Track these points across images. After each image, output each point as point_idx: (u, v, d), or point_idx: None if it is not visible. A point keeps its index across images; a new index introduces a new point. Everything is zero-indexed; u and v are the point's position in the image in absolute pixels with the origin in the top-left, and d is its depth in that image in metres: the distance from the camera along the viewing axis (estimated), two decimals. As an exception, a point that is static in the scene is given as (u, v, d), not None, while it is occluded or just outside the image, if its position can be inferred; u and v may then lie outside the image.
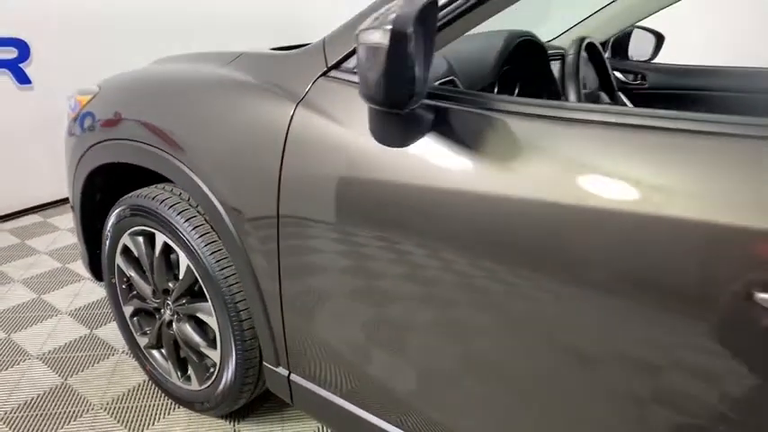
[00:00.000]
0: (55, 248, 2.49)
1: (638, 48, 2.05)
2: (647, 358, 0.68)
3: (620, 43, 2.09)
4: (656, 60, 2.12)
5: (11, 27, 2.58)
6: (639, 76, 2.09)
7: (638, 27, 2.06)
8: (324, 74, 1.00)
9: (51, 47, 2.70)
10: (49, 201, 3.00)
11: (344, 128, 0.93)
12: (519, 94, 1.58)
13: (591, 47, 1.64)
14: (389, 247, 0.89)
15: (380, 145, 0.86)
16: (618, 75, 2.12)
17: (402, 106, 0.76)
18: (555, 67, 1.60)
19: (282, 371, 1.20)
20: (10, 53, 2.61)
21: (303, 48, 1.09)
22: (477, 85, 1.20)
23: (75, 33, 2.77)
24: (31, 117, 2.75)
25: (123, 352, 1.76)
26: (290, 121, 0.99)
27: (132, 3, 2.98)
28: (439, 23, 0.86)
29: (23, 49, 2.64)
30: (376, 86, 0.72)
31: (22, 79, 2.68)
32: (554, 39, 2.08)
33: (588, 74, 1.62)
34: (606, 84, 1.82)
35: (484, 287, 0.80)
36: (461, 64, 1.18)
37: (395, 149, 0.86)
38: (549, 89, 1.56)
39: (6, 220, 2.80)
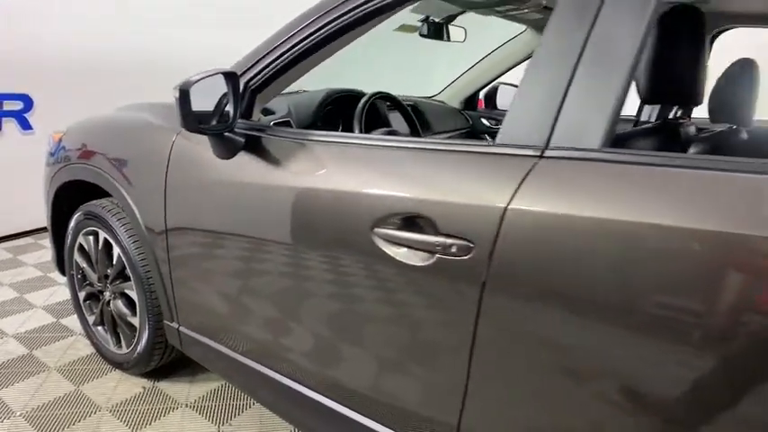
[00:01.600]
0: (40, 262, 3.01)
1: (503, 99, 2.59)
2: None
3: (490, 96, 2.63)
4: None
5: (18, 83, 3.21)
6: (498, 121, 2.62)
7: (502, 83, 2.61)
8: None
9: (51, 99, 3.32)
10: (42, 226, 3.54)
11: (200, 147, 1.44)
12: (342, 129, 2.11)
13: (392, 98, 2.10)
14: (232, 229, 1.39)
15: (216, 158, 1.38)
16: (484, 120, 2.65)
17: (217, 133, 1.28)
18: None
19: (174, 324, 1.68)
20: (16, 105, 3.24)
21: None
22: (304, 123, 1.73)
23: (72, 86, 3.38)
24: (32, 156, 3.32)
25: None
26: (172, 146, 1.52)
27: (120, 59, 3.60)
28: (256, 82, 1.39)
29: (27, 101, 3.27)
30: (183, 120, 1.25)
31: (26, 126, 3.29)
32: (438, 93, 2.65)
33: (395, 116, 2.10)
34: (409, 122, 2.31)
35: (286, 247, 1.28)
36: (297, 108, 1.73)
37: (224, 160, 1.37)
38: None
39: (4, 241, 3.34)
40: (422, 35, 1.97)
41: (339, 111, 1.85)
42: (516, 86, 2.64)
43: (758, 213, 0.72)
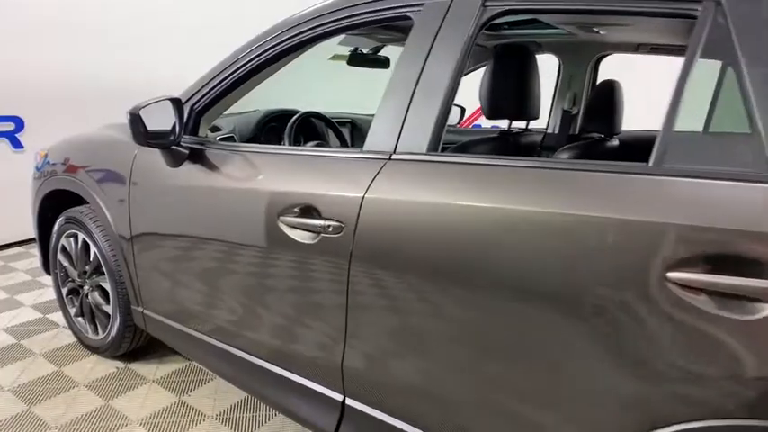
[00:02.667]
0: (30, 268, 3.32)
1: (451, 117, 2.95)
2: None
3: None
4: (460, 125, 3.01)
5: (10, 107, 3.55)
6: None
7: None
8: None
9: (40, 120, 3.66)
10: (32, 237, 3.84)
11: (155, 159, 1.77)
12: (281, 143, 2.41)
13: (321, 116, 2.42)
14: (182, 226, 1.71)
15: (167, 167, 1.71)
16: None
17: (165, 146, 1.62)
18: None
19: (139, 308, 2.00)
20: (8, 126, 3.58)
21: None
22: (245, 138, 2.07)
23: (60, 109, 3.71)
24: (23, 173, 3.64)
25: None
26: (134, 159, 1.85)
27: (103, 85, 3.93)
28: (200, 105, 1.73)
29: (19, 123, 3.60)
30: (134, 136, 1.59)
31: (17, 145, 3.62)
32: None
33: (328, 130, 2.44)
34: (339, 136, 2.56)
35: (219, 238, 1.61)
36: (239, 126, 2.08)
37: (173, 168, 1.70)
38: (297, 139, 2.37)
39: (-2, 251, 3.65)
40: (349, 63, 2.32)
41: (281, 127, 2.19)
42: (460, 106, 2.99)
43: (535, 196, 1.05)
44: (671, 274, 0.87)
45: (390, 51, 2.26)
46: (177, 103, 1.66)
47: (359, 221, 1.25)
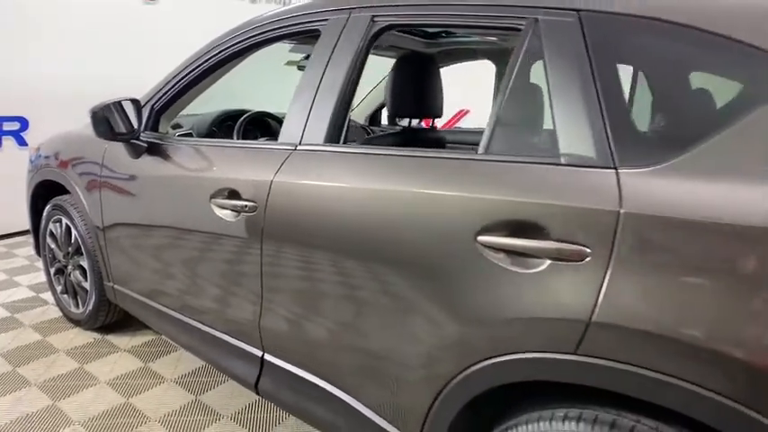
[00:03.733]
0: (30, 254, 3.62)
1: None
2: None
3: (374, 115, 3.21)
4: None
5: (15, 108, 3.88)
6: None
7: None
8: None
9: (43, 120, 3.97)
10: (36, 227, 4.16)
11: (120, 152, 2.03)
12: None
13: (271, 115, 2.58)
14: (139, 210, 1.97)
15: (129, 158, 1.98)
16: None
17: (125, 140, 1.88)
18: None
19: (110, 283, 2.27)
20: (14, 125, 3.90)
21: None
22: (201, 135, 2.32)
23: (61, 109, 4.00)
24: (26, 168, 3.97)
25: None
26: (104, 153, 2.12)
27: (100, 86, 4.25)
28: (159, 105, 1.99)
29: (23, 122, 3.93)
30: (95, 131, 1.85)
31: (22, 143, 3.95)
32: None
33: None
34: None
35: (167, 219, 1.86)
36: (197, 124, 2.34)
37: (134, 159, 1.96)
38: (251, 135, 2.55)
39: (2, 239, 3.97)
40: (299, 68, 2.57)
41: (234, 125, 2.44)
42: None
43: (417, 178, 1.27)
44: (480, 238, 1.09)
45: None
46: (136, 102, 1.92)
47: (268, 202, 1.49)
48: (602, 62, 1.07)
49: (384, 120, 3.26)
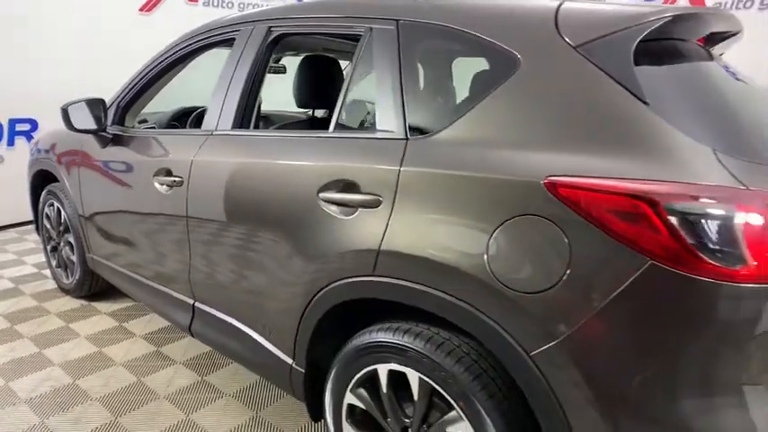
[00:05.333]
0: (38, 239, 4.10)
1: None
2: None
3: None
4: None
5: (27, 110, 4.37)
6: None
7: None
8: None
9: (51, 121, 4.44)
10: (46, 217, 4.64)
11: (94, 143, 2.44)
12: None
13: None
14: (104, 190, 2.38)
15: (99, 148, 2.38)
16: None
17: (92, 132, 2.29)
18: None
19: (90, 255, 2.68)
20: (25, 126, 4.40)
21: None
22: (163, 127, 2.71)
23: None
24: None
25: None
26: (82, 144, 2.54)
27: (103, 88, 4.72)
28: (124, 102, 2.39)
29: (34, 123, 4.42)
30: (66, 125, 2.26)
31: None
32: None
33: None
34: None
35: (124, 197, 2.26)
36: (159, 120, 2.74)
37: (104, 148, 2.37)
38: None
39: (16, 226, 4.46)
40: None
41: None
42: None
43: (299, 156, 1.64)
44: (321, 194, 1.44)
45: (288, 61, 2.88)
46: (102, 101, 2.32)
47: (190, 176, 1.87)
48: (407, 59, 1.41)
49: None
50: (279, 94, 2.46)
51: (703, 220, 0.94)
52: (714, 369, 0.98)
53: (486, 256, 1.12)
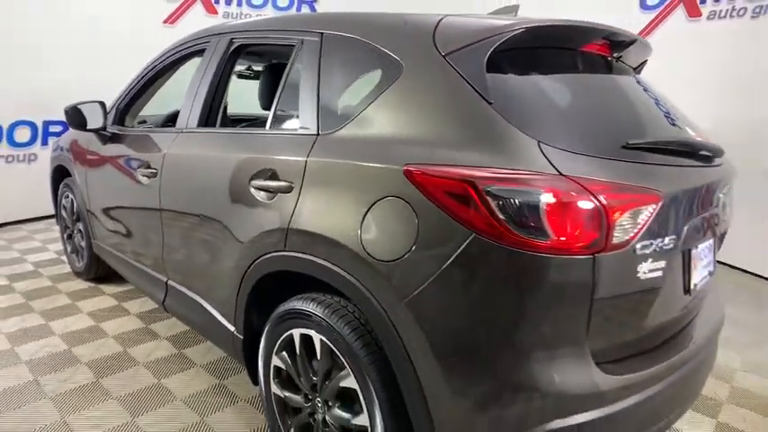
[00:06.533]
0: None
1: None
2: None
3: None
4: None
5: (58, 113, 4.81)
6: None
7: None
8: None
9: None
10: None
11: (97, 140, 2.77)
12: None
13: None
14: (103, 183, 2.70)
15: (100, 145, 2.71)
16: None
17: (97, 130, 2.62)
18: None
19: (95, 240, 3.02)
20: (57, 128, 4.86)
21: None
22: (159, 126, 3.02)
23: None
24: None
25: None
26: (89, 143, 2.87)
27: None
28: (122, 104, 2.71)
29: (65, 125, 4.84)
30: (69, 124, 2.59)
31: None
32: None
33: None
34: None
35: (121, 189, 2.58)
36: (157, 119, 3.05)
37: (104, 145, 2.69)
38: None
39: (46, 219, 4.92)
40: (238, 77, 3.22)
41: None
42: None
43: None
44: (252, 182, 1.67)
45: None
46: (102, 104, 2.64)
47: (162, 168, 2.14)
48: (325, 66, 1.63)
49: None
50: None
51: (514, 200, 1.11)
52: (527, 327, 1.15)
53: (359, 231, 1.32)
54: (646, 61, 1.90)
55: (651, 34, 4.58)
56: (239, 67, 3.27)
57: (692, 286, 1.45)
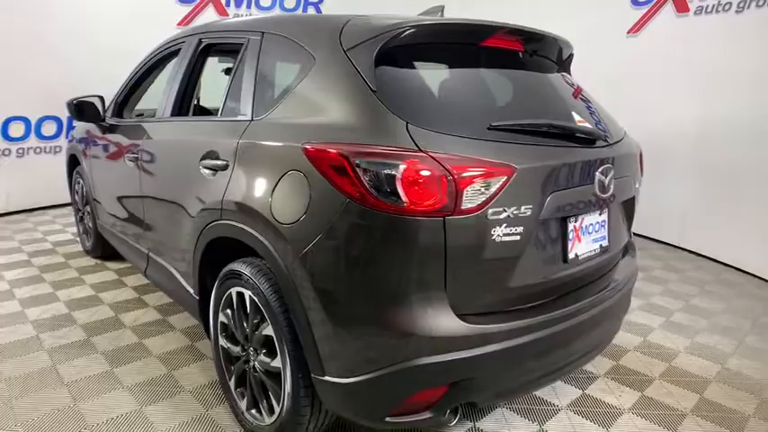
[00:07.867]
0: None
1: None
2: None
3: None
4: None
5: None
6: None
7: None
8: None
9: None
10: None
11: (97, 129, 3.11)
12: None
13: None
14: (102, 170, 3.04)
15: (100, 134, 3.05)
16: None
17: (96, 121, 2.96)
18: None
19: (99, 222, 3.37)
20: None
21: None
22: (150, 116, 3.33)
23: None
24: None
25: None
26: (89, 131, 3.22)
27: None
28: (120, 98, 3.04)
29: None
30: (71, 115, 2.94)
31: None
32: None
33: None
34: None
35: (118, 174, 2.90)
36: (151, 112, 3.36)
37: (102, 135, 3.03)
38: None
39: (63, 206, 5.36)
40: (225, 74, 3.51)
41: None
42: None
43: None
44: (201, 162, 1.94)
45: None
46: (101, 98, 2.97)
47: (140, 152, 2.45)
48: (263, 61, 1.88)
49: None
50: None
51: (378, 171, 1.34)
52: (391, 276, 1.37)
53: (270, 200, 1.57)
54: (571, 55, 2.08)
55: (642, 29, 4.63)
56: (227, 65, 3.59)
57: (571, 256, 1.63)
